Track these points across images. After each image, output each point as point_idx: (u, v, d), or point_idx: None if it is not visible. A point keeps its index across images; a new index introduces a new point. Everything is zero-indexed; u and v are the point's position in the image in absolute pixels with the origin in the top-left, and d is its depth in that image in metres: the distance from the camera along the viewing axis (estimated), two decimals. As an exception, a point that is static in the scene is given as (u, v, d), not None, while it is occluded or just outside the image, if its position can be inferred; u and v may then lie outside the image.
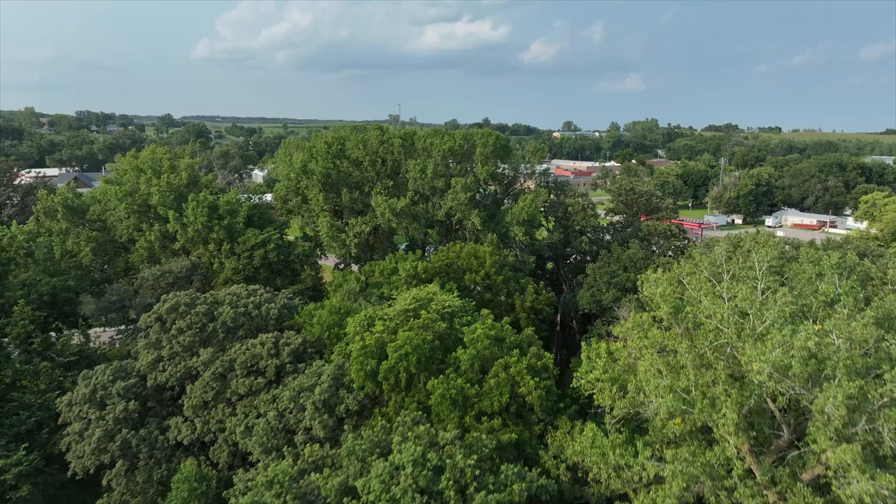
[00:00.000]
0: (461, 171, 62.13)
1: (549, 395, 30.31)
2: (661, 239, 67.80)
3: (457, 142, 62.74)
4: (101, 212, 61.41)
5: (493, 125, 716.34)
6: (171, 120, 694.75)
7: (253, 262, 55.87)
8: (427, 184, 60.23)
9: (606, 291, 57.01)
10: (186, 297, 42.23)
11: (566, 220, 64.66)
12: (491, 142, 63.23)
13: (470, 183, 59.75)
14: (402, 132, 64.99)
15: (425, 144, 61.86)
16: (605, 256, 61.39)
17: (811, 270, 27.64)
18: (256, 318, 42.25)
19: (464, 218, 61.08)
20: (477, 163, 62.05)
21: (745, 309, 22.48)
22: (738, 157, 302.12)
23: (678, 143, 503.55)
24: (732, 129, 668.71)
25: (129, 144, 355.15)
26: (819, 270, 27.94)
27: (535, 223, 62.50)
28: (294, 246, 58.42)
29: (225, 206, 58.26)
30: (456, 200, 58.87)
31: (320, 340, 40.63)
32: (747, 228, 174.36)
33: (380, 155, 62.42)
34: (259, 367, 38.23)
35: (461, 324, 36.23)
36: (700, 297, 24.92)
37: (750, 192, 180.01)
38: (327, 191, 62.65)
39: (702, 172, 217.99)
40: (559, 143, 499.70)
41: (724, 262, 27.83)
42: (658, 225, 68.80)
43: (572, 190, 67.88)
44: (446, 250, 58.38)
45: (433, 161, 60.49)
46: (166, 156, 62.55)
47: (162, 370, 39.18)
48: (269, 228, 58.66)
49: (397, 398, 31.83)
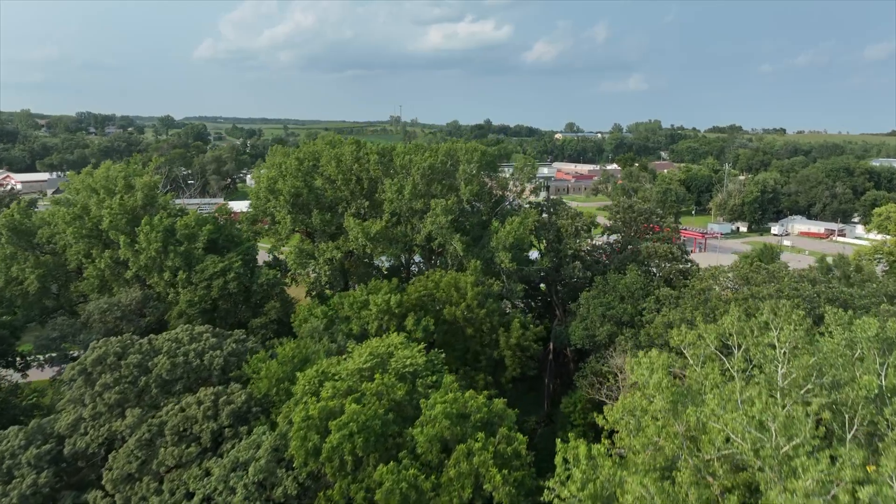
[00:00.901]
0: (444, 190, 56.85)
1: (521, 490, 25.05)
2: (662, 262, 62.39)
3: (438, 158, 57.47)
4: (49, 235, 56.34)
5: (495, 126, 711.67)
6: (170, 121, 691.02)
7: (211, 293, 50.70)
8: (404, 205, 54.98)
9: (601, 326, 51.66)
10: (118, 344, 37.07)
11: (558, 244, 59.31)
12: (476, 157, 57.94)
13: (451, 204, 54.48)
14: (379, 147, 59.71)
15: (403, 161, 56.61)
16: (599, 284, 56.06)
17: (843, 342, 22.30)
18: (198, 368, 37.04)
19: (445, 242, 55.84)
20: (460, 181, 56.72)
21: (766, 420, 17.23)
22: (743, 160, 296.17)
23: (681, 146, 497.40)
24: (736, 130, 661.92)
25: (123, 148, 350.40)
26: (852, 339, 22.62)
27: (524, 247, 57.23)
28: (257, 274, 53.22)
29: (183, 229, 53.11)
30: (435, 224, 53.61)
31: (268, 397, 35.42)
32: (753, 238, 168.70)
33: (354, 173, 57.15)
34: (193, 432, 33.01)
35: (425, 385, 31.00)
36: (704, 385, 19.65)
37: (755, 200, 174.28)
38: (297, 211, 57.45)
39: (705, 178, 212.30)
40: (561, 144, 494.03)
41: (734, 332, 22.56)
42: (658, 247, 63.41)
43: (565, 209, 62.51)
44: (424, 279, 53.16)
45: (411, 180, 55.24)
46: (121, 174, 57.35)
47: (83, 433, 34.01)
48: (232, 255, 53.48)
49: (342, 483, 26.68)
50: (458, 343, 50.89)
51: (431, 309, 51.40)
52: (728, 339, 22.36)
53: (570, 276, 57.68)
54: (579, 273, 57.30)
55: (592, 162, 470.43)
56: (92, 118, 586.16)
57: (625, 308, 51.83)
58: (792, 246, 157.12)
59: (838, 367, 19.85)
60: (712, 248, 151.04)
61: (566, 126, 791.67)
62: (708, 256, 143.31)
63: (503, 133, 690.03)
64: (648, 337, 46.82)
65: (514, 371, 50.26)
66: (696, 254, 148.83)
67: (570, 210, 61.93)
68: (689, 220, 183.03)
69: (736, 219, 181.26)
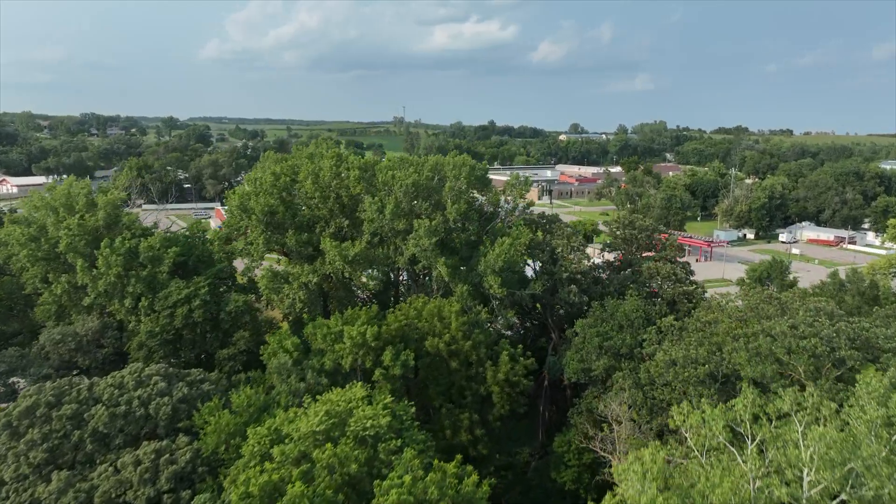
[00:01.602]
0: (429, 209, 52.78)
1: None
2: (664, 283, 58.14)
3: (423, 174, 53.41)
4: (6, 257, 52.60)
5: (499, 127, 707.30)
6: (173, 122, 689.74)
7: (174, 322, 46.79)
8: (385, 226, 50.95)
9: (597, 358, 47.51)
10: (52, 392, 33.16)
11: (552, 265, 55.15)
12: (464, 173, 53.82)
13: (437, 225, 50.42)
14: (360, 162, 55.63)
15: (386, 177, 52.54)
16: (596, 310, 51.92)
17: (878, 420, 18.16)
18: (141, 419, 33.10)
19: (430, 265, 51.80)
20: (447, 199, 52.62)
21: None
22: (750, 163, 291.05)
23: (687, 147, 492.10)
24: (742, 131, 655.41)
25: (123, 150, 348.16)
26: (889, 418, 18.49)
27: (515, 269, 53.16)
28: (225, 301, 49.26)
29: (146, 252, 49.22)
30: (419, 246, 49.56)
31: (217, 454, 31.43)
32: (760, 245, 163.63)
33: (333, 189, 53.10)
34: (127, 500, 29.05)
35: (388, 451, 26.96)
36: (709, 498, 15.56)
37: (763, 206, 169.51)
38: (272, 231, 53.47)
39: (711, 182, 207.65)
40: (565, 146, 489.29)
41: (747, 419, 18.48)
42: (661, 267, 59.18)
43: (561, 228, 58.27)
44: (406, 307, 49.13)
45: (394, 198, 51.17)
46: (84, 191, 53.49)
47: (4, 497, 30.09)
48: (200, 279, 49.55)
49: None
50: (442, 377, 46.89)
51: (413, 339, 47.41)
52: (739, 425, 18.30)
53: (567, 300, 53.51)
54: (575, 298, 53.12)
55: (597, 164, 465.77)
56: (93, 120, 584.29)
57: (623, 339, 47.67)
58: (801, 254, 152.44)
59: (881, 477, 15.77)
60: (718, 256, 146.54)
61: (570, 127, 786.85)
62: (713, 266, 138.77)
63: (507, 134, 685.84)
64: (649, 375, 42.70)
65: (503, 409, 46.22)
66: (702, 262, 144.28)
67: (565, 229, 57.74)
68: (694, 226, 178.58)
69: (742, 225, 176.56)
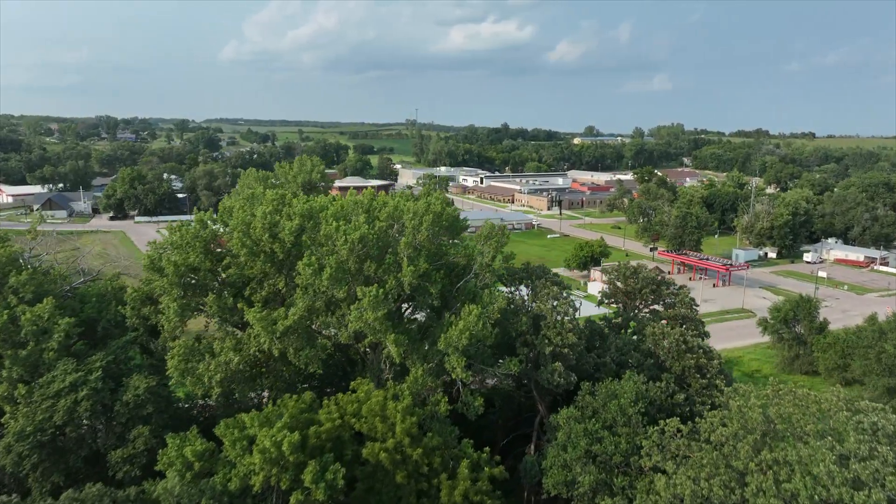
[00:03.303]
0: (382, 270, 43.06)
1: None
2: (672, 359, 47.80)
3: (376, 225, 43.71)
4: None
5: (513, 130, 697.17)
6: (185, 125, 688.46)
7: (54, 419, 37.57)
8: (322, 293, 41.34)
9: (583, 469, 37.52)
10: None
11: (533, 336, 45.17)
12: (426, 223, 43.99)
13: (389, 290, 40.72)
14: (305, 207, 46.01)
15: (328, 230, 42.89)
16: (585, 396, 42.01)
17: None
18: None
19: (379, 341, 42.21)
20: (402, 256, 42.86)
21: None
22: (771, 172, 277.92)
23: (705, 152, 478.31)
24: (762, 134, 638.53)
25: (127, 156, 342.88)
26: None
27: (485, 345, 43.43)
28: (124, 386, 39.95)
29: (29, 325, 40.10)
30: (362, 321, 39.89)
31: None
32: (783, 266, 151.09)
33: (264, 246, 43.51)
34: None
35: None
36: None
37: (786, 223, 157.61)
38: (192, 293, 44.12)
39: (730, 195, 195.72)
40: (578, 151, 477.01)
41: None
42: (670, 333, 48.91)
43: (546, 287, 48.08)
44: (344, 400, 39.51)
45: (335, 258, 41.50)
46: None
47: None
48: (96, 357, 40.35)
49: None
50: (387, 490, 37.20)
51: (351, 443, 37.83)
52: None
53: (550, 381, 43.51)
54: (560, 378, 43.12)
55: (611, 169, 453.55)
56: (104, 123, 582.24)
57: (617, 443, 37.68)
58: (828, 277, 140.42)
59: None
60: (737, 279, 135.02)
61: (585, 129, 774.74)
62: (732, 292, 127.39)
63: (521, 137, 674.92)
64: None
65: (462, 536, 36.45)
66: (719, 288, 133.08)
67: (552, 288, 47.63)
68: (711, 242, 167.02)
69: (763, 243, 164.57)
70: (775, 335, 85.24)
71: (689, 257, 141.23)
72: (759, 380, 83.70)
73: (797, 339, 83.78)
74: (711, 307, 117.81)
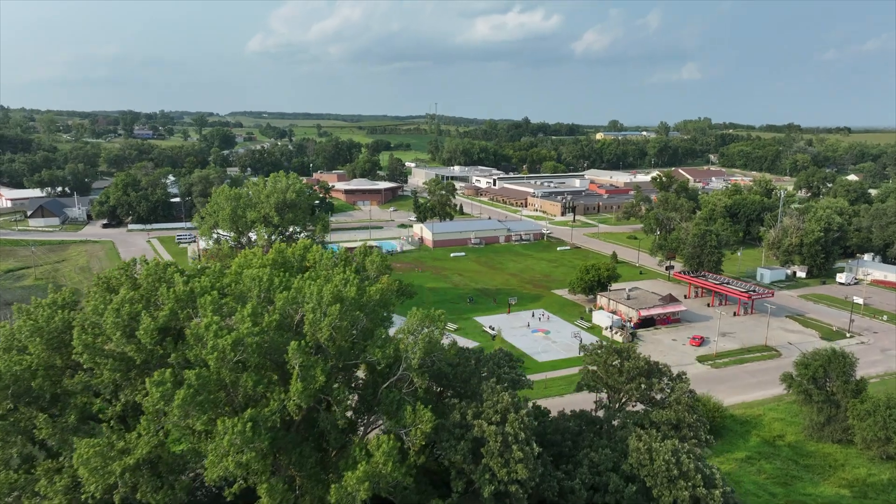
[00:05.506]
0: (263, 386, 32.40)
1: None
2: (661, 486, 36.37)
3: (265, 319, 33.03)
4: None
5: (534, 125, 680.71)
6: (203, 121, 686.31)
7: None
8: (176, 424, 30.84)
9: None
10: None
11: (472, 465, 34.12)
12: (332, 314, 33.15)
13: (268, 414, 30.10)
14: (183, 291, 35.53)
15: (199, 331, 32.33)
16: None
17: None
18: None
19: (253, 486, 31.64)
20: (293, 366, 32.17)
21: None
22: (802, 176, 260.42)
23: (732, 149, 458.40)
24: (794, 129, 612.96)
25: (135, 156, 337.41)
26: None
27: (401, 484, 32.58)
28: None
29: None
30: (224, 467, 29.32)
31: None
32: (814, 288, 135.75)
33: (114, 348, 33.17)
34: None
35: None
36: None
37: (817, 240, 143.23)
38: (24, 406, 33.99)
39: (756, 204, 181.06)
40: (599, 147, 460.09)
41: None
42: (661, 449, 37.42)
43: (494, 391, 36.85)
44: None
45: (195, 372, 30.94)
46: None
47: None
48: None
49: None
50: None
51: None
52: None
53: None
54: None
55: (633, 167, 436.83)
56: (121, 119, 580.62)
57: None
58: (864, 303, 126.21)
59: None
60: (761, 306, 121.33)
61: (609, 123, 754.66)
62: (756, 323, 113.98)
63: (542, 132, 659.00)
64: None
65: None
66: (740, 317, 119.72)
67: (502, 396, 36.34)
68: (733, 262, 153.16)
69: (791, 260, 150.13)
70: (803, 394, 72.73)
71: (708, 281, 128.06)
72: (783, 450, 71.39)
73: (829, 401, 71.25)
74: (730, 343, 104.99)
